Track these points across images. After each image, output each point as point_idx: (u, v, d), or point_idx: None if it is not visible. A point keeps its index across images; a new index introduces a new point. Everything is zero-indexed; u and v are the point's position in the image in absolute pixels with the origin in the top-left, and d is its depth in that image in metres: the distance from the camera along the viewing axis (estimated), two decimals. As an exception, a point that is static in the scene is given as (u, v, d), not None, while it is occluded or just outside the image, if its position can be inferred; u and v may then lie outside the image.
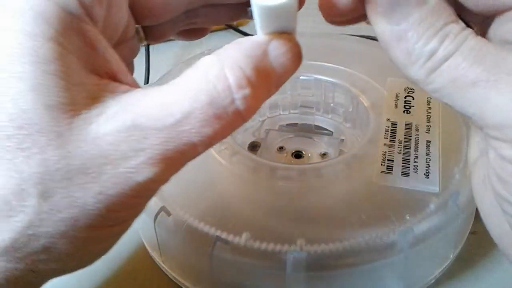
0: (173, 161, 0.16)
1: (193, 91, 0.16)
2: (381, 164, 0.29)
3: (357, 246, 0.25)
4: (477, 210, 0.31)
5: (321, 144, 0.37)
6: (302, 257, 0.24)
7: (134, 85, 0.17)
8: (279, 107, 0.39)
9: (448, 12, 0.16)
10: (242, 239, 0.25)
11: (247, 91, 0.16)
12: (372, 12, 0.17)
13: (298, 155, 0.37)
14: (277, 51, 0.17)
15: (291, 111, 0.40)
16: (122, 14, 0.19)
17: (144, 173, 0.16)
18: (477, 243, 0.31)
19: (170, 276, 0.30)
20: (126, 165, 0.15)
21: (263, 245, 0.25)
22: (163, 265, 0.30)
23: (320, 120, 0.39)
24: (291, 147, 0.37)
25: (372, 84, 0.35)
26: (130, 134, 0.15)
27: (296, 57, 0.18)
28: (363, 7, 0.17)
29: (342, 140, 0.37)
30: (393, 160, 0.29)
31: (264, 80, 0.17)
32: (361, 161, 0.30)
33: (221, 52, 0.17)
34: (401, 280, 0.27)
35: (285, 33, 0.18)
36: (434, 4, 0.16)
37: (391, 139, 0.31)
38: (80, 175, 0.15)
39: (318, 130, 0.39)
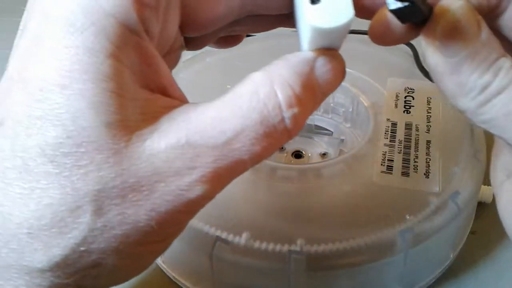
0: (223, 178, 0.16)
1: (244, 109, 0.16)
2: (381, 164, 0.29)
3: (357, 246, 0.25)
4: (477, 210, 0.31)
5: (321, 144, 0.37)
6: (302, 257, 0.24)
7: (182, 98, 0.17)
8: (279, 107, 0.39)
9: (498, 45, 0.17)
10: (242, 239, 0.25)
11: (296, 109, 0.16)
12: (427, 44, 0.17)
13: (298, 155, 0.37)
14: (324, 68, 0.17)
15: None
16: (174, 28, 0.19)
17: (196, 191, 0.16)
18: (477, 243, 0.31)
19: (170, 276, 0.30)
20: (179, 183, 0.15)
21: (263, 245, 0.25)
22: (163, 265, 0.30)
23: (320, 120, 0.39)
24: (291, 147, 0.37)
25: (372, 84, 0.35)
26: (184, 152, 0.15)
27: (340, 73, 0.18)
28: (414, 34, 0.18)
29: (342, 140, 0.37)
30: (393, 160, 0.29)
31: (311, 97, 0.17)
32: (361, 161, 0.30)
33: (270, 69, 0.17)
34: (401, 280, 0.27)
35: (331, 49, 0.18)
36: (486, 38, 0.17)
37: (391, 139, 0.31)
38: (133, 192, 0.15)
39: (318, 130, 0.39)
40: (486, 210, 0.33)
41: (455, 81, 0.17)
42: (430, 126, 0.31)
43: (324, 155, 0.36)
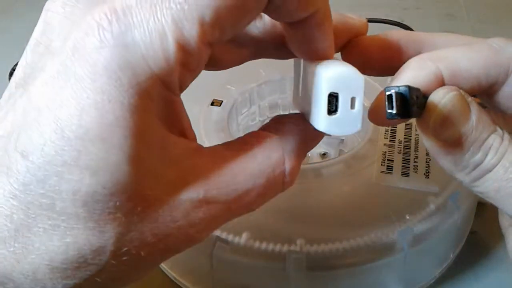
0: (221, 224, 0.19)
1: (256, 173, 0.18)
2: (381, 164, 0.29)
3: (357, 246, 0.25)
4: (477, 210, 0.31)
5: (321, 144, 0.37)
6: (302, 257, 0.24)
7: (195, 137, 0.19)
8: (279, 107, 0.39)
9: (488, 123, 0.19)
10: (242, 239, 0.25)
11: (295, 174, 0.19)
12: (422, 129, 0.19)
13: (298, 155, 0.37)
14: (315, 137, 0.21)
15: (291, 111, 0.39)
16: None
17: (202, 237, 0.18)
18: (477, 243, 0.31)
19: (170, 276, 0.30)
20: (191, 232, 0.17)
21: (263, 245, 0.25)
22: (163, 265, 0.30)
23: (320, 120, 0.39)
24: (291, 147, 0.37)
25: (372, 84, 0.35)
26: (200, 206, 0.17)
27: (321, 138, 0.22)
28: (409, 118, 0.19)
29: (342, 140, 0.37)
30: (393, 160, 0.29)
31: (303, 159, 0.20)
32: (361, 161, 0.30)
33: (284, 137, 0.19)
34: (401, 280, 0.27)
35: None
36: (477, 120, 0.18)
37: (391, 139, 0.31)
38: (151, 236, 0.17)
39: (318, 130, 0.39)
40: (486, 210, 0.33)
41: (450, 160, 0.19)
42: (430, 126, 0.31)
43: (324, 155, 0.36)
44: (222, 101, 0.35)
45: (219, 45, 0.20)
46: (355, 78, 0.18)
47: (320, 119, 0.18)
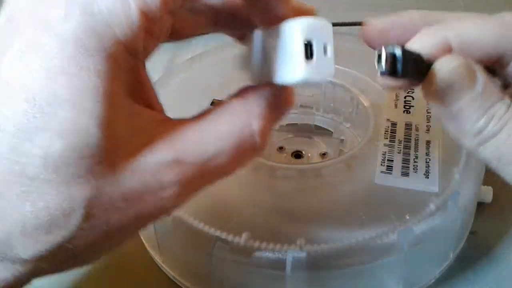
0: (198, 189, 0.19)
1: (224, 135, 0.18)
2: (381, 164, 0.29)
3: (357, 246, 0.25)
4: (477, 210, 0.31)
5: (321, 144, 0.37)
6: (302, 257, 0.24)
7: (162, 110, 0.20)
8: (279, 107, 0.39)
9: (495, 91, 0.19)
10: (242, 239, 0.25)
11: (265, 135, 0.19)
12: (427, 95, 0.20)
13: (298, 155, 0.37)
14: (286, 101, 0.21)
15: (291, 111, 0.40)
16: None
17: (175, 201, 0.18)
18: (477, 243, 0.31)
19: (169, 276, 0.30)
20: (163, 195, 0.18)
21: (263, 245, 0.25)
22: (162, 265, 0.30)
23: (320, 120, 0.39)
24: (291, 147, 0.37)
25: (372, 84, 0.35)
26: (171, 168, 0.17)
27: (291, 105, 0.21)
28: (417, 83, 0.20)
29: (342, 140, 0.37)
30: (393, 160, 0.29)
31: (274, 123, 0.20)
32: (361, 161, 0.30)
33: (247, 101, 0.20)
34: (401, 280, 0.27)
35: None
36: (482, 88, 0.19)
37: (391, 139, 0.31)
38: (122, 201, 0.17)
39: (318, 130, 0.39)
40: (486, 210, 0.33)
41: (455, 126, 0.20)
42: (430, 126, 0.31)
43: (324, 155, 0.36)
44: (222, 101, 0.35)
45: (178, 14, 0.20)
46: (325, 25, 0.18)
47: (298, 68, 0.18)
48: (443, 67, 0.19)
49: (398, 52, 0.18)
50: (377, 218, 0.26)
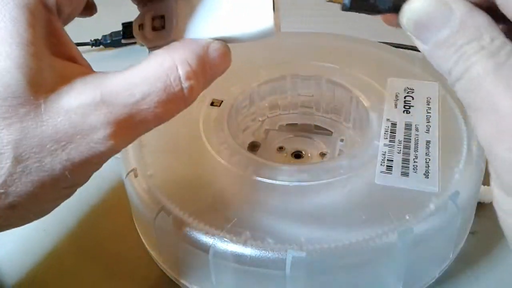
0: (130, 135, 0.20)
1: (151, 78, 0.19)
2: (381, 164, 0.29)
3: (357, 246, 0.25)
4: (477, 210, 0.31)
5: (321, 144, 0.37)
6: (302, 257, 0.24)
7: (90, 68, 0.20)
8: (279, 107, 0.39)
9: (472, 30, 0.17)
10: (242, 239, 0.25)
11: (192, 81, 0.20)
12: (405, 28, 0.19)
13: (298, 155, 0.37)
14: (215, 53, 0.21)
15: (291, 111, 0.40)
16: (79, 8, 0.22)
17: (108, 144, 0.18)
18: (477, 243, 0.31)
19: (169, 275, 0.30)
20: (93, 136, 0.18)
21: (263, 245, 0.25)
22: (162, 265, 0.30)
23: (320, 120, 0.39)
24: (291, 147, 0.37)
25: (372, 84, 0.35)
26: (98, 108, 0.18)
27: (228, 60, 0.22)
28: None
29: (342, 140, 0.37)
30: (393, 160, 0.29)
31: (204, 74, 0.21)
32: (361, 161, 0.30)
33: (172, 49, 0.20)
34: (401, 280, 0.27)
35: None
36: (457, 24, 0.17)
37: (391, 139, 0.31)
38: (51, 143, 0.17)
39: (318, 130, 0.39)
40: (486, 210, 0.33)
41: (433, 63, 0.19)
42: (430, 126, 0.31)
43: (324, 155, 0.36)
44: (222, 101, 0.35)
45: None
46: None
47: (266, 18, 0.20)
48: (413, 3, 0.18)
49: None
50: (377, 218, 0.26)
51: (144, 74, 0.19)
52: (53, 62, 0.18)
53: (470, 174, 0.28)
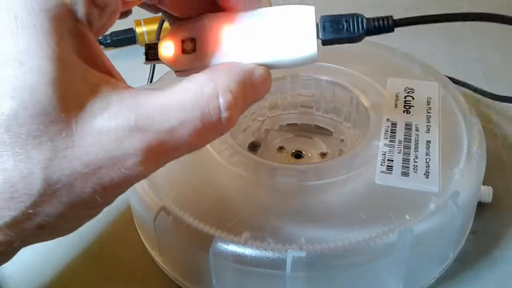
0: (161, 161, 0.19)
1: (188, 104, 0.18)
2: (381, 164, 0.29)
3: (357, 246, 0.25)
4: (477, 210, 0.31)
5: (321, 144, 0.37)
6: (302, 257, 0.24)
7: (124, 81, 0.19)
8: (279, 107, 0.39)
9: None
10: (242, 239, 0.25)
11: (232, 112, 0.19)
12: None
13: (298, 155, 0.37)
14: (258, 80, 0.21)
15: (291, 111, 0.40)
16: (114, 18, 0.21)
17: (137, 170, 0.18)
18: (477, 243, 0.31)
19: (170, 276, 0.30)
20: (124, 163, 0.17)
21: (263, 245, 0.25)
22: (163, 265, 0.30)
23: (320, 120, 0.39)
24: (291, 147, 0.37)
25: (372, 84, 0.35)
26: (132, 133, 0.17)
27: (269, 84, 0.21)
28: None
29: (342, 140, 0.37)
30: (393, 160, 0.29)
31: (245, 101, 0.20)
32: (361, 161, 0.30)
33: (215, 73, 0.19)
34: (401, 280, 0.27)
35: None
36: None
37: (391, 139, 0.31)
38: (82, 166, 0.17)
39: (318, 130, 0.39)
40: (486, 210, 0.33)
41: None
42: (430, 126, 0.31)
43: (324, 155, 0.36)
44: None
45: None
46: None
47: (310, 45, 0.21)
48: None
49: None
50: (377, 218, 0.26)
51: (182, 99, 0.18)
52: (86, 75, 0.17)
53: (470, 174, 0.28)
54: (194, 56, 0.22)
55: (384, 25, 0.22)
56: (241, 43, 0.21)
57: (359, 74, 0.36)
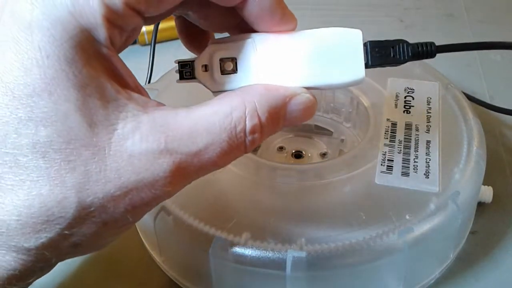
0: (188, 180, 0.19)
1: (217, 127, 0.19)
2: (381, 164, 0.29)
3: (357, 246, 0.25)
4: (477, 210, 0.31)
5: (321, 144, 0.37)
6: (302, 257, 0.24)
7: (149, 96, 0.20)
8: (279, 107, 0.39)
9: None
10: (242, 239, 0.25)
11: (257, 135, 0.19)
12: None
13: (298, 155, 0.37)
14: (298, 107, 0.21)
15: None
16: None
17: (165, 190, 0.18)
18: (477, 243, 0.31)
19: (170, 276, 0.30)
20: (154, 184, 0.18)
21: (263, 245, 0.25)
22: (163, 265, 0.30)
23: (320, 120, 0.39)
24: (291, 147, 0.37)
25: (372, 84, 0.35)
26: (162, 156, 0.18)
27: (311, 113, 0.21)
28: None
29: (342, 140, 0.37)
30: (393, 160, 0.29)
31: (273, 126, 0.20)
32: (361, 161, 0.30)
33: (247, 94, 0.20)
34: (401, 280, 0.27)
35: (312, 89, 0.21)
36: None
37: (391, 139, 0.31)
38: (114, 188, 0.17)
39: (318, 130, 0.39)
40: (486, 210, 0.33)
41: None
42: (430, 126, 0.31)
43: (324, 155, 0.36)
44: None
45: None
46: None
47: (359, 69, 0.21)
48: None
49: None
50: (377, 218, 0.26)
51: (211, 122, 0.19)
52: (114, 96, 0.18)
53: (470, 174, 0.28)
54: (235, 77, 0.21)
55: (427, 51, 0.22)
56: (286, 65, 0.21)
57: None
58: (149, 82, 0.44)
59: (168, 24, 0.51)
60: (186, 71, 0.21)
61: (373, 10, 0.57)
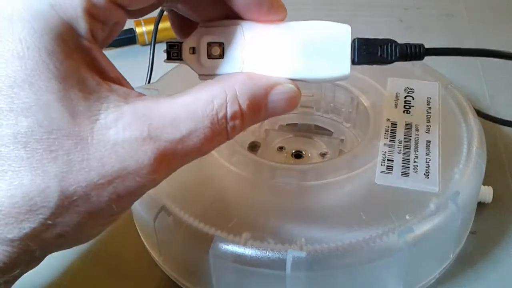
0: (173, 167, 0.19)
1: (199, 114, 0.19)
2: (381, 164, 0.29)
3: (357, 246, 0.25)
4: (477, 210, 0.31)
5: (321, 144, 0.37)
6: (302, 257, 0.24)
7: (132, 88, 0.20)
8: (279, 107, 0.39)
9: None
10: (242, 239, 0.25)
11: (238, 122, 0.20)
12: None
13: (298, 155, 0.37)
14: (280, 96, 0.21)
15: (291, 111, 0.39)
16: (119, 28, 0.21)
17: (151, 178, 0.18)
18: (477, 243, 0.31)
19: (170, 276, 0.30)
20: (139, 172, 0.18)
21: (263, 245, 0.25)
22: (162, 264, 0.30)
23: (320, 120, 0.39)
24: (291, 147, 0.37)
25: (372, 84, 0.35)
26: (145, 143, 0.18)
27: (294, 104, 0.21)
28: None
29: (342, 140, 0.37)
30: (393, 160, 0.29)
31: (254, 115, 0.20)
32: (361, 161, 0.30)
33: (229, 82, 0.20)
34: (401, 280, 0.27)
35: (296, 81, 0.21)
36: None
37: (391, 139, 0.31)
38: (98, 177, 0.17)
39: (318, 130, 0.39)
40: (486, 210, 0.33)
41: None
42: (430, 126, 0.31)
43: (324, 155, 0.36)
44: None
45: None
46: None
47: (344, 65, 0.21)
48: None
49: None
50: (377, 218, 0.26)
51: (193, 109, 0.19)
52: (96, 87, 0.18)
53: (470, 174, 0.28)
54: (220, 62, 0.21)
55: (416, 53, 0.22)
56: (273, 55, 0.21)
57: (359, 74, 0.36)
58: (149, 82, 0.44)
59: (168, 24, 0.51)
60: (173, 51, 0.22)
61: (373, 10, 0.57)
